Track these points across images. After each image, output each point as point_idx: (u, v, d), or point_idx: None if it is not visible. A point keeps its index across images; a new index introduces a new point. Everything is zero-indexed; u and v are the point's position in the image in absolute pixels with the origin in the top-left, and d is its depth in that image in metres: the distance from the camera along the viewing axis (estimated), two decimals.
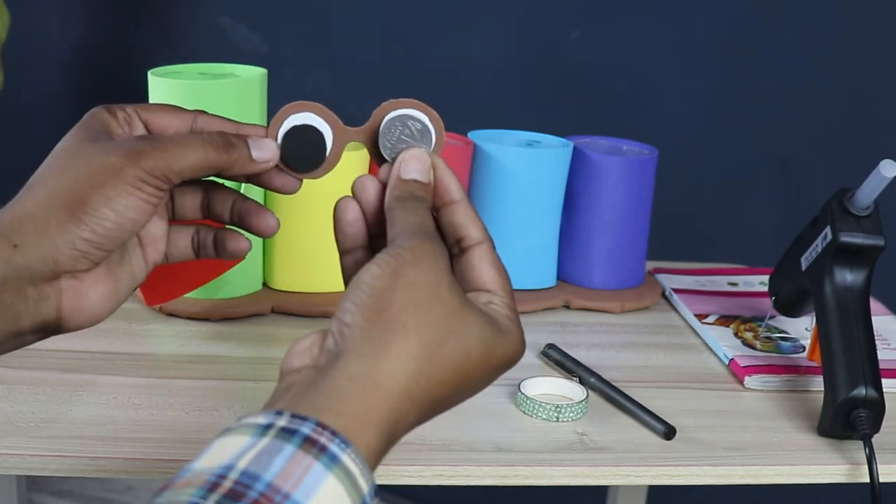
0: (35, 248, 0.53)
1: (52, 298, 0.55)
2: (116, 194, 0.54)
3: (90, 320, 0.57)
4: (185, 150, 0.56)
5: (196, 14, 1.82)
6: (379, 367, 0.47)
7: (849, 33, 1.56)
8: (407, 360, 0.47)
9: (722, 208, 1.67)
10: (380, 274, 0.49)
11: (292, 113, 0.62)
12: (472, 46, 1.69)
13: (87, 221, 0.54)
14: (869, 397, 0.73)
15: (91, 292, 0.56)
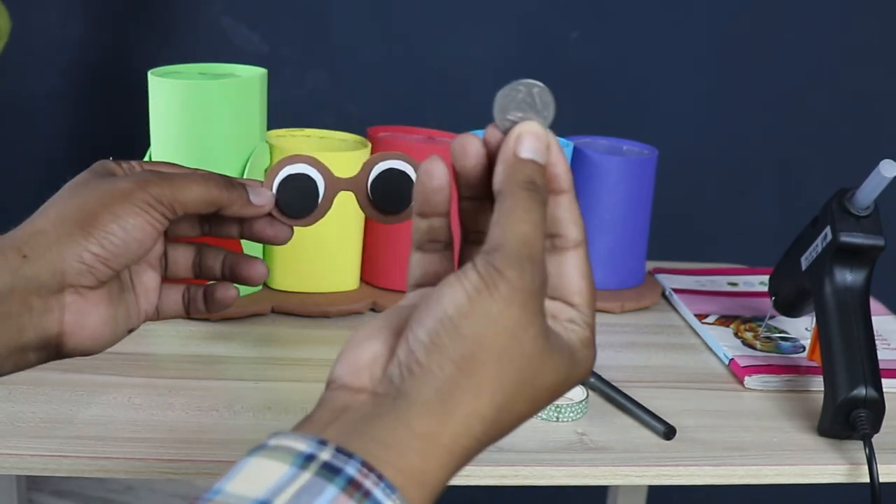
0: (44, 259, 0.55)
1: (56, 312, 0.56)
2: (125, 213, 0.57)
3: (90, 341, 0.58)
4: (191, 183, 0.60)
5: (196, 14, 1.82)
6: (446, 428, 0.42)
7: (849, 33, 1.56)
8: (475, 421, 0.43)
9: (722, 208, 1.67)
10: (467, 310, 0.43)
11: (287, 164, 0.66)
12: (472, 46, 1.69)
13: (95, 235, 0.56)
14: (869, 397, 0.73)
15: (93, 312, 0.58)
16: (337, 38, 1.74)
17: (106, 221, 0.56)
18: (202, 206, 0.60)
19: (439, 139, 0.97)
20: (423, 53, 1.71)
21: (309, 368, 0.81)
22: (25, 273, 0.55)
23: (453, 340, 0.43)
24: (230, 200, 0.62)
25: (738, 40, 1.61)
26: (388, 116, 1.59)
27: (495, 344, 0.43)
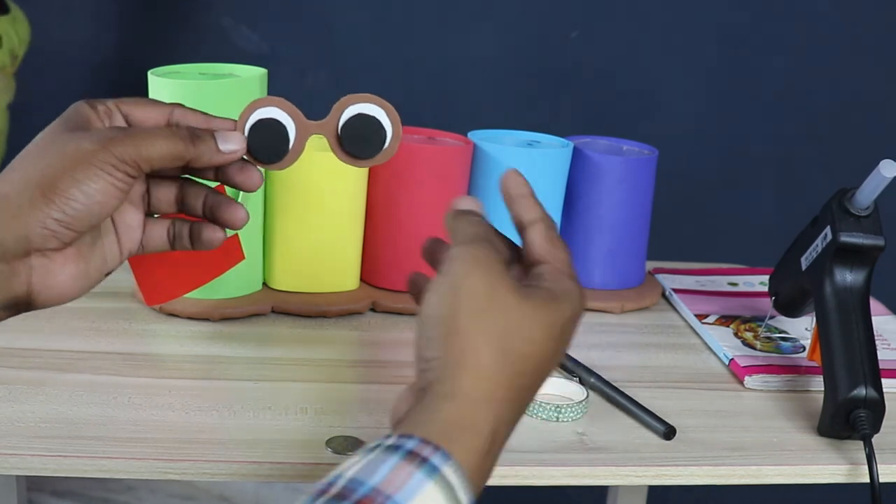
0: (7, 227, 0.56)
1: (23, 275, 0.58)
2: (86, 177, 0.57)
3: (59, 298, 0.60)
4: (155, 139, 0.59)
5: (196, 14, 1.82)
6: (461, 382, 0.50)
7: (849, 33, 1.56)
8: (485, 369, 0.50)
9: (722, 208, 1.67)
10: (438, 302, 0.52)
11: (258, 107, 0.65)
12: (472, 46, 1.69)
13: (57, 202, 0.57)
14: (869, 397, 0.73)
15: (60, 272, 0.59)
16: (337, 38, 1.74)
17: (67, 186, 0.57)
18: (168, 161, 0.60)
19: (439, 139, 0.97)
20: (423, 53, 1.71)
21: (309, 368, 0.81)
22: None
23: (440, 327, 0.51)
24: (197, 154, 0.61)
25: (738, 40, 1.61)
26: None
27: (474, 305, 0.51)
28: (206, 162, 0.62)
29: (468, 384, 0.50)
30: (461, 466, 0.47)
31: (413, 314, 0.93)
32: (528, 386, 0.53)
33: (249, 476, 0.66)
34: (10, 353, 0.79)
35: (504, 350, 0.51)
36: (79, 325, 0.85)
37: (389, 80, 1.72)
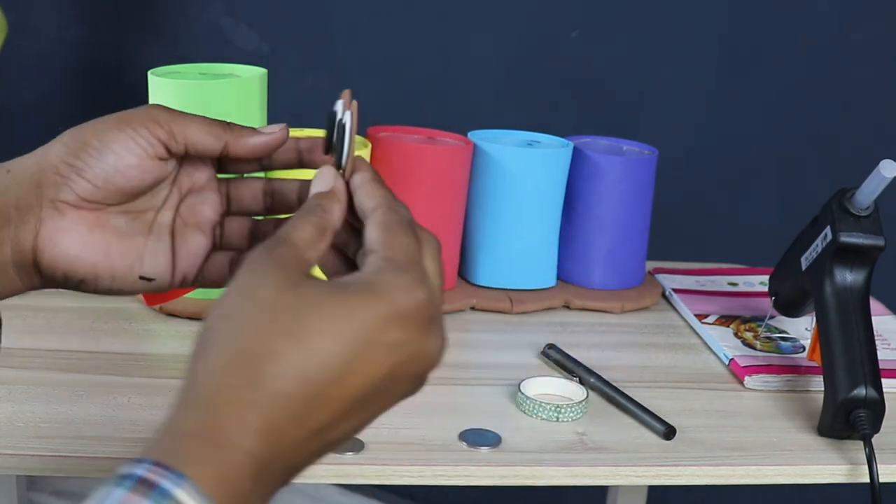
0: (25, 174, 0.56)
1: (32, 225, 0.56)
2: (111, 131, 0.56)
3: (64, 258, 0.57)
4: (196, 118, 0.58)
5: (196, 14, 1.82)
6: (196, 390, 0.43)
7: (849, 33, 1.56)
8: (219, 368, 0.43)
9: (722, 208, 1.67)
10: (211, 308, 0.45)
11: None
12: (472, 46, 1.69)
13: (72, 147, 0.56)
14: (869, 397, 0.73)
15: (71, 230, 0.57)
16: (337, 38, 1.74)
17: (89, 137, 0.56)
18: (204, 136, 0.58)
19: (439, 139, 0.97)
20: (423, 53, 1.71)
21: None
22: (6, 186, 0.55)
23: (198, 335, 0.45)
24: (234, 136, 0.58)
25: (738, 40, 1.60)
26: (388, 116, 1.59)
27: (222, 309, 0.44)
28: (244, 146, 0.58)
29: (215, 391, 0.42)
30: (200, 487, 0.40)
31: None
32: (321, 399, 0.43)
33: None
34: (10, 353, 0.79)
35: (242, 348, 0.43)
36: (79, 325, 0.85)
37: (389, 80, 1.72)
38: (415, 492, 1.92)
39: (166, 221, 0.61)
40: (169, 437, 0.42)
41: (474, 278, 0.98)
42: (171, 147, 0.58)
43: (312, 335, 0.43)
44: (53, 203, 0.56)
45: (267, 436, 0.42)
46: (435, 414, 0.74)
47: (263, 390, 0.42)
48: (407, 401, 0.48)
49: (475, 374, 0.83)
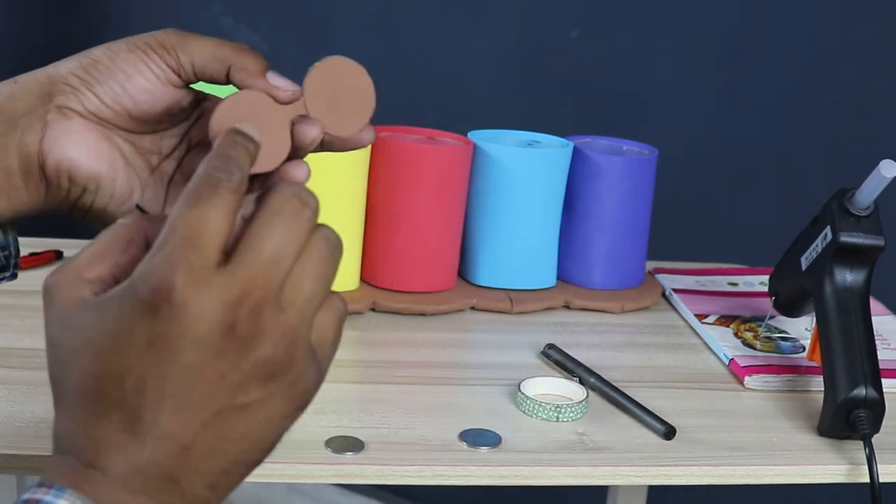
0: (33, 82, 0.56)
1: (38, 130, 0.56)
2: (120, 50, 0.56)
3: (68, 161, 0.56)
4: (205, 38, 0.58)
5: (196, 14, 1.82)
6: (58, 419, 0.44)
7: (849, 33, 1.56)
8: (66, 396, 0.44)
9: (722, 208, 1.67)
10: None
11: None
12: (472, 46, 1.69)
13: (84, 64, 0.56)
14: (869, 397, 0.73)
15: (76, 134, 0.56)
16: (337, 38, 1.74)
17: (100, 53, 0.56)
18: (209, 58, 0.57)
19: (439, 139, 0.97)
20: (423, 53, 1.71)
21: None
22: (14, 94, 0.56)
23: None
24: (243, 63, 0.57)
25: (738, 40, 1.60)
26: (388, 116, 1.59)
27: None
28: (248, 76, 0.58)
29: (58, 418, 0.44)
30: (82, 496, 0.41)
31: (414, 314, 0.93)
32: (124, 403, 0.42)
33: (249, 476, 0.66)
34: (10, 353, 0.79)
35: (65, 365, 0.43)
36: None
37: (389, 80, 1.72)
38: (415, 492, 1.92)
39: (168, 170, 0.61)
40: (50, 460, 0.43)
41: (474, 278, 0.98)
42: (181, 73, 0.57)
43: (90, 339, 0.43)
44: (60, 109, 0.56)
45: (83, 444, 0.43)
46: (435, 414, 0.74)
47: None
48: (407, 401, 0.48)
49: (475, 374, 0.83)
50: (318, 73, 0.60)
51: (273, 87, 0.58)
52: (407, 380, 0.80)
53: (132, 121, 0.58)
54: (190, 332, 0.42)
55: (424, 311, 0.93)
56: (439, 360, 0.85)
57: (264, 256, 0.44)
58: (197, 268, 0.42)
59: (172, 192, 0.60)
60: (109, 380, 0.42)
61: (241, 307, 0.43)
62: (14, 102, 0.55)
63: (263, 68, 0.58)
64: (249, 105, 0.57)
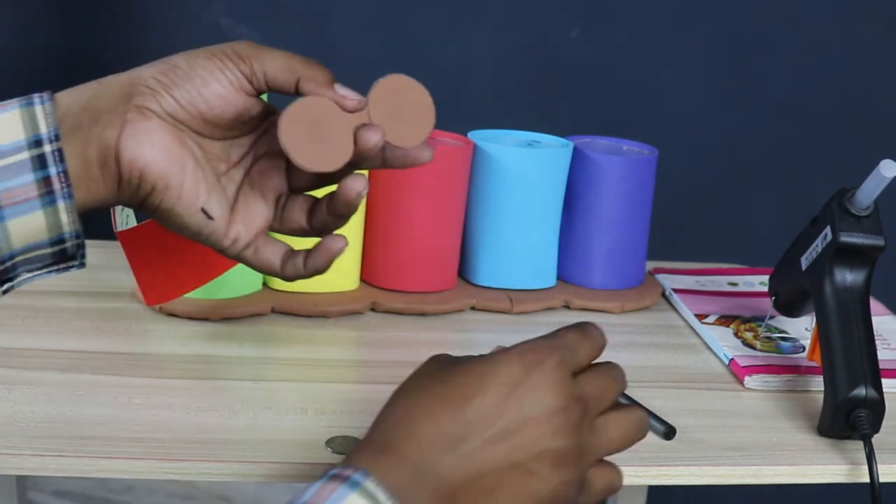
0: (115, 83, 0.61)
1: (117, 126, 0.60)
2: (198, 56, 0.61)
3: (142, 159, 0.60)
4: (276, 53, 0.63)
5: (196, 14, 1.82)
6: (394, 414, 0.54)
7: (849, 33, 1.56)
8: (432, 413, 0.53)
9: (722, 208, 1.67)
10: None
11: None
12: (472, 46, 1.69)
13: (163, 68, 0.61)
14: (869, 397, 0.73)
15: (151, 133, 0.60)
16: (337, 38, 1.74)
17: (179, 59, 0.61)
18: (280, 69, 0.62)
19: (439, 139, 0.97)
20: (423, 53, 1.71)
21: (309, 368, 0.81)
22: (98, 93, 0.60)
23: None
24: (312, 74, 0.62)
25: (738, 40, 1.61)
26: None
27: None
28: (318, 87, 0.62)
29: (401, 415, 0.54)
30: (383, 482, 0.49)
31: (414, 314, 0.93)
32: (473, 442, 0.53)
33: (249, 476, 0.66)
34: (10, 353, 0.79)
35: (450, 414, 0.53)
36: (79, 325, 0.85)
37: None
38: None
39: (236, 179, 0.66)
40: (360, 448, 0.53)
41: (474, 278, 0.98)
42: (253, 81, 0.62)
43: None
44: (140, 109, 0.60)
45: (427, 459, 0.52)
46: None
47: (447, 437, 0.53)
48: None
49: None
50: (381, 88, 0.65)
51: (340, 97, 0.63)
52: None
53: (205, 124, 0.62)
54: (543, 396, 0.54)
55: (424, 311, 0.93)
56: None
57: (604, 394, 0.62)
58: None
59: (241, 200, 0.66)
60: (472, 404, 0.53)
61: (578, 402, 0.56)
62: (98, 100, 0.60)
63: (331, 80, 0.63)
64: (317, 109, 0.62)
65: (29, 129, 0.57)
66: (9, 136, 0.57)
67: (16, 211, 0.58)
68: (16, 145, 0.57)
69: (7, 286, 0.61)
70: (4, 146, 0.57)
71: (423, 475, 0.51)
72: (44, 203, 0.58)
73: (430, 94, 0.66)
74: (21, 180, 0.57)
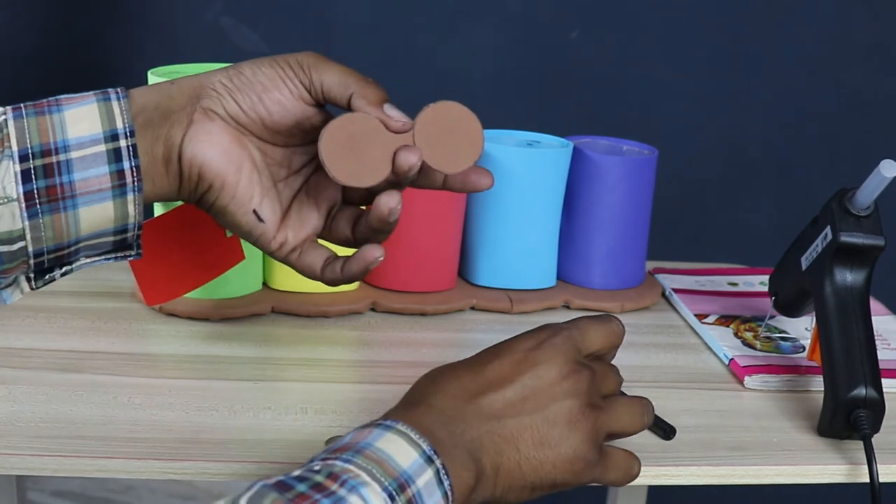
0: (187, 85, 0.65)
1: (184, 124, 0.63)
2: (263, 63, 0.65)
3: (201, 156, 0.64)
4: (334, 67, 0.66)
5: (196, 14, 1.82)
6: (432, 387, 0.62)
7: (849, 33, 1.56)
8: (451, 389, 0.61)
9: (722, 208, 1.67)
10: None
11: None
12: (472, 46, 1.69)
13: (230, 73, 0.65)
14: (869, 397, 0.73)
15: (213, 133, 0.64)
16: (337, 39, 1.74)
17: (245, 67, 0.65)
18: (336, 83, 0.65)
19: None
20: (423, 53, 1.71)
21: (309, 368, 0.81)
22: (171, 93, 0.64)
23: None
24: (365, 91, 0.65)
25: (738, 40, 1.61)
26: None
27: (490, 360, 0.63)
28: (368, 104, 0.65)
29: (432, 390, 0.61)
30: (413, 427, 0.55)
31: (414, 314, 0.93)
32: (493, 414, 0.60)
33: (249, 476, 0.66)
34: (10, 353, 0.79)
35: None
36: (79, 325, 0.85)
37: (390, 80, 1.72)
38: None
39: (293, 186, 0.69)
40: (392, 409, 0.60)
41: (474, 278, 0.98)
42: (312, 91, 0.65)
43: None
44: (205, 111, 0.64)
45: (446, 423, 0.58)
46: None
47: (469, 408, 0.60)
48: None
49: None
50: (431, 112, 0.67)
51: (387, 116, 0.66)
52: (407, 380, 0.80)
53: (265, 129, 0.66)
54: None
55: (424, 311, 0.93)
56: (439, 360, 0.85)
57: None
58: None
59: (295, 207, 0.69)
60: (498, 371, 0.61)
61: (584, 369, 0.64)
62: (171, 101, 0.63)
63: (382, 99, 0.66)
64: (361, 125, 0.64)
65: (106, 123, 0.60)
66: (87, 129, 0.60)
67: (89, 199, 0.61)
68: (93, 137, 0.60)
69: (66, 269, 0.65)
70: (83, 137, 0.60)
71: (449, 419, 0.58)
72: (115, 194, 0.61)
73: (480, 123, 0.67)
74: (97, 171, 0.60)
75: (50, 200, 0.60)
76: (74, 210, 0.60)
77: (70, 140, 0.60)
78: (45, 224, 0.60)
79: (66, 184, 0.60)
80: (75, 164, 0.60)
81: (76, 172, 0.60)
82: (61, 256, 0.63)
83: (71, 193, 0.60)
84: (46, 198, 0.59)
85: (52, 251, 0.62)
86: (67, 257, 0.63)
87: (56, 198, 0.60)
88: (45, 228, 0.60)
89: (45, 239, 0.61)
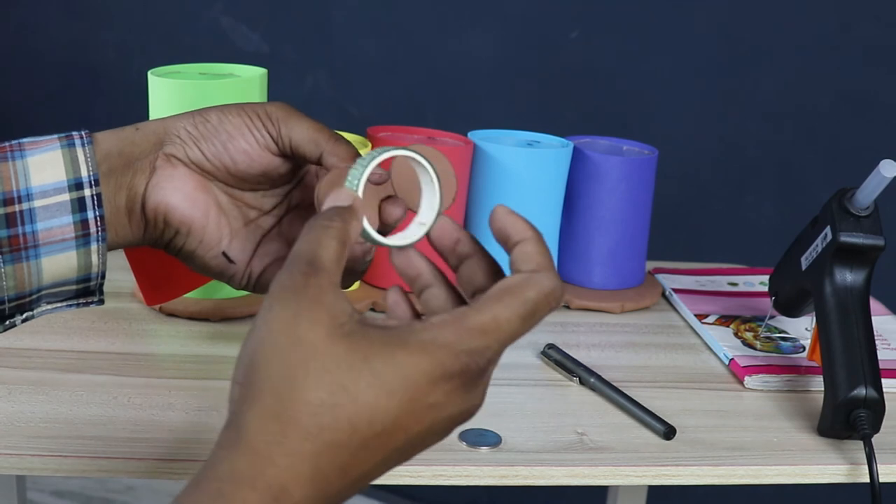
0: (151, 130, 0.63)
1: (147, 172, 0.62)
2: (230, 111, 0.63)
3: (165, 204, 0.62)
4: (306, 120, 0.63)
5: (196, 14, 1.82)
6: (246, 435, 0.44)
7: (848, 33, 1.56)
8: (272, 416, 0.44)
9: (722, 208, 1.67)
10: (248, 334, 0.48)
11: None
12: (472, 46, 1.69)
13: (196, 120, 0.63)
14: (869, 397, 0.73)
15: (177, 180, 0.62)
16: (337, 38, 1.74)
17: (211, 114, 0.63)
18: (306, 140, 0.63)
19: (439, 139, 0.97)
20: (423, 53, 1.71)
21: None
22: (134, 139, 0.62)
23: (239, 367, 0.48)
24: (335, 150, 0.62)
25: (737, 40, 1.61)
26: (388, 116, 1.59)
27: (262, 349, 0.47)
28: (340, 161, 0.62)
29: (269, 440, 0.43)
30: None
31: None
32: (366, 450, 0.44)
33: None
34: (10, 353, 0.79)
35: (289, 394, 0.44)
36: (79, 325, 0.85)
37: (389, 80, 1.72)
38: (415, 492, 1.92)
39: (265, 225, 0.67)
40: (218, 481, 0.43)
41: None
42: (279, 144, 0.63)
43: (364, 389, 0.44)
44: (168, 157, 0.62)
45: (315, 484, 0.43)
46: None
47: (317, 441, 0.43)
48: None
49: None
50: (402, 159, 0.65)
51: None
52: None
53: (231, 177, 0.64)
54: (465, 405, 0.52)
55: None
56: None
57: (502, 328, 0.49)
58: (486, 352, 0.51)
59: (264, 246, 0.66)
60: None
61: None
62: (134, 147, 0.62)
63: (354, 156, 0.63)
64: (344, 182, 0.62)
65: (70, 171, 0.59)
66: (51, 177, 0.58)
67: (52, 249, 0.59)
68: (57, 186, 0.59)
69: (27, 315, 0.63)
70: (47, 186, 0.58)
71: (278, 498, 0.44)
72: (78, 244, 0.60)
73: (450, 162, 0.66)
74: (60, 221, 0.59)
75: (13, 250, 0.58)
76: (37, 259, 0.59)
77: (33, 188, 0.58)
78: (7, 273, 0.58)
79: (28, 233, 0.58)
80: (38, 214, 0.58)
81: (39, 222, 0.58)
82: (22, 305, 0.61)
83: (34, 243, 0.58)
84: (9, 247, 0.58)
85: (12, 300, 0.60)
86: (28, 305, 0.62)
87: (19, 247, 0.58)
88: (7, 278, 0.59)
89: (6, 288, 0.59)
